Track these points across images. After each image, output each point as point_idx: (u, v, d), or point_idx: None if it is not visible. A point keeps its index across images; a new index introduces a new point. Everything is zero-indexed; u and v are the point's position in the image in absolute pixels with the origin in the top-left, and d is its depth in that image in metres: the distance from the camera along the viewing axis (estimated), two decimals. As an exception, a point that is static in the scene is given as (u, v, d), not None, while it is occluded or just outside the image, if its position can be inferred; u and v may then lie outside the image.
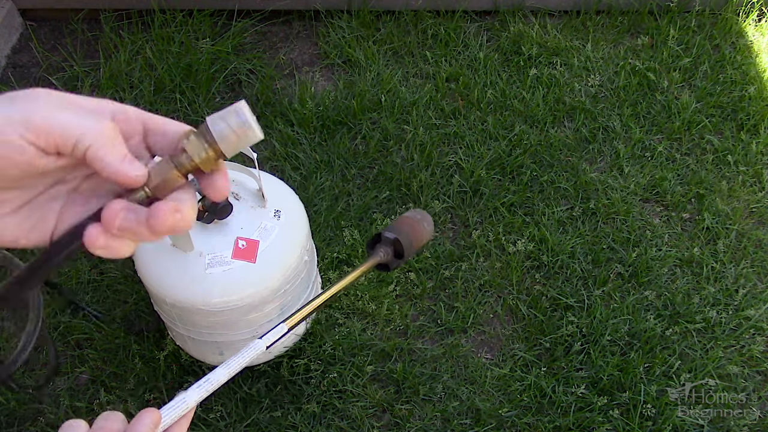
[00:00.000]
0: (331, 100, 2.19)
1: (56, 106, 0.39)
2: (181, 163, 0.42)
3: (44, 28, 2.47)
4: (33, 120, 0.37)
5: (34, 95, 0.39)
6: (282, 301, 1.45)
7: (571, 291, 1.83)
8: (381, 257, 0.63)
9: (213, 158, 0.41)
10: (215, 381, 0.48)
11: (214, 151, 0.41)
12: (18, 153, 0.38)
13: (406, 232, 0.65)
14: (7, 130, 0.37)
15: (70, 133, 0.38)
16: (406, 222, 0.67)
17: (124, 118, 0.42)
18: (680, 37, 2.37)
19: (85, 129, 0.39)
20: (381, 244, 0.64)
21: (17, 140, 0.37)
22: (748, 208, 2.01)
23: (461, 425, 1.64)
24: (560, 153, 2.10)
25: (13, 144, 0.37)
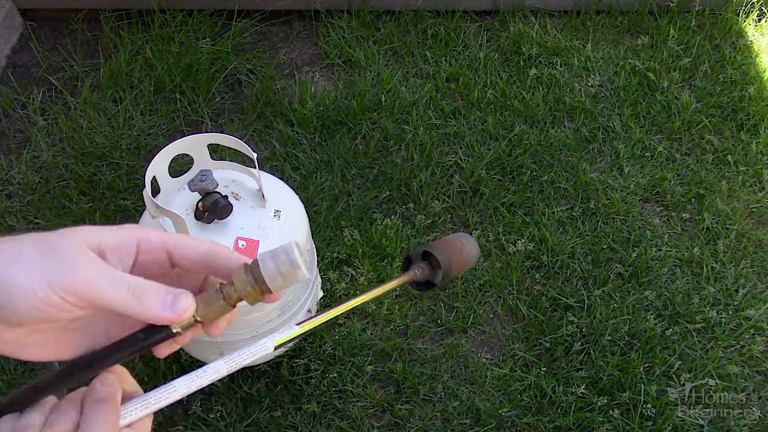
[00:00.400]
0: (331, 100, 2.19)
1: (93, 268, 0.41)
2: (229, 295, 0.44)
3: (44, 28, 2.47)
4: (74, 286, 0.40)
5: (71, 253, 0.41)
6: (282, 301, 1.45)
7: (571, 291, 1.83)
8: (416, 275, 0.59)
9: (258, 294, 0.44)
10: (212, 373, 0.46)
11: (261, 289, 0.44)
12: (59, 311, 0.40)
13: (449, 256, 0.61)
14: (51, 295, 0.39)
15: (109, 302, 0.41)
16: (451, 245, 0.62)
17: (147, 247, 0.45)
18: (680, 37, 2.37)
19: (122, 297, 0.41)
20: (419, 262, 0.60)
21: (59, 302, 0.40)
22: (748, 208, 2.01)
23: (461, 425, 1.64)
24: (560, 153, 2.10)
25: (55, 305, 0.40)
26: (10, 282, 0.39)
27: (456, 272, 0.62)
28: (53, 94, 2.25)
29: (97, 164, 2.06)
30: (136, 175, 2.03)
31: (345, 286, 1.80)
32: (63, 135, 2.13)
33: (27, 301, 0.39)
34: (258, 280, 0.43)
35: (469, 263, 0.64)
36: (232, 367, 0.46)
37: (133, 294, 0.41)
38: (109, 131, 2.12)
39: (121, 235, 0.44)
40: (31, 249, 0.40)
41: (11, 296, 0.39)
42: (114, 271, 0.42)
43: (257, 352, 0.47)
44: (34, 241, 0.41)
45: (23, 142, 2.15)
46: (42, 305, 0.40)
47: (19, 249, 0.40)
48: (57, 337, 0.45)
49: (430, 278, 0.60)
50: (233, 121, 2.18)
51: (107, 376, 0.43)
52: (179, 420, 1.62)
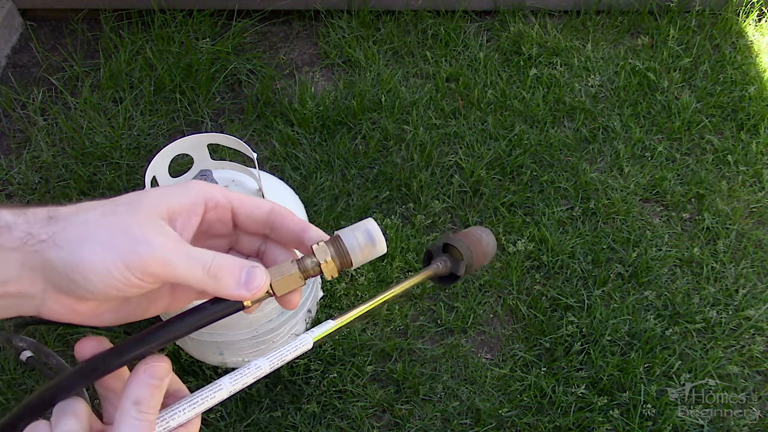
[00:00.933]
0: (331, 100, 2.19)
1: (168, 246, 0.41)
2: (305, 268, 0.45)
3: (44, 28, 2.47)
4: (150, 268, 0.40)
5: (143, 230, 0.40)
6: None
7: (571, 291, 1.83)
8: (439, 268, 0.58)
9: (337, 267, 0.45)
10: (255, 369, 0.45)
11: (341, 261, 0.45)
12: (135, 289, 0.41)
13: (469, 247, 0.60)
14: (129, 276, 0.40)
15: (185, 281, 0.42)
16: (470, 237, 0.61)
17: (214, 206, 0.45)
18: (680, 37, 2.37)
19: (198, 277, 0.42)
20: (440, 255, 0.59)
21: (136, 282, 0.40)
22: (748, 208, 2.01)
23: (461, 425, 1.64)
24: (560, 153, 2.10)
25: (132, 284, 0.40)
26: (85, 263, 0.39)
27: (477, 264, 0.61)
28: (53, 94, 2.25)
29: (97, 164, 2.06)
30: (136, 175, 2.03)
31: (345, 286, 1.80)
32: (63, 135, 2.13)
33: (103, 281, 0.39)
34: (339, 252, 0.44)
35: (488, 255, 0.63)
36: (274, 364, 0.46)
37: (209, 273, 0.42)
38: (109, 131, 2.12)
39: (189, 196, 0.44)
40: (102, 226, 0.40)
41: (87, 277, 0.39)
42: (188, 249, 0.42)
43: (298, 348, 0.47)
44: (102, 215, 0.41)
45: (23, 142, 2.15)
46: (119, 285, 0.40)
47: (90, 226, 0.40)
48: (129, 303, 0.45)
49: (454, 270, 0.59)
50: (233, 121, 2.18)
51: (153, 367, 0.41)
52: (179, 420, 1.62)
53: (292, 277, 0.45)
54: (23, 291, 0.40)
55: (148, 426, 0.40)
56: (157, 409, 0.41)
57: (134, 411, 0.39)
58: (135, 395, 0.40)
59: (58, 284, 0.40)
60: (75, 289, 0.40)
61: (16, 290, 0.40)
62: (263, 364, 0.45)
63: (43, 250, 0.39)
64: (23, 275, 0.40)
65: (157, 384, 0.41)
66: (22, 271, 0.39)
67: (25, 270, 0.39)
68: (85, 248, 0.39)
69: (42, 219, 0.40)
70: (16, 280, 0.40)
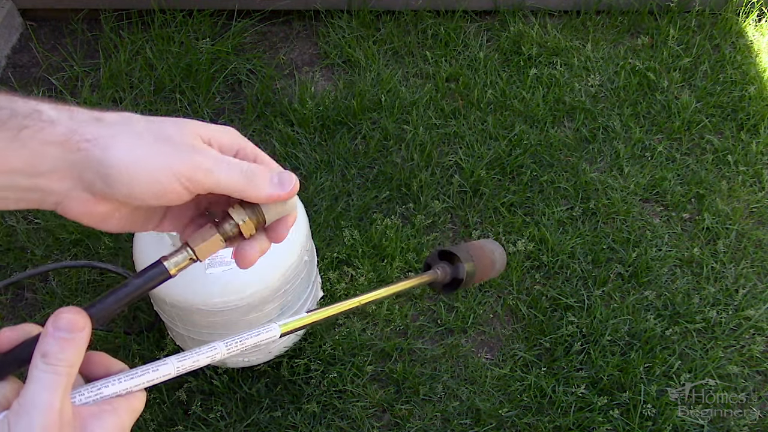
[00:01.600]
0: (331, 100, 2.19)
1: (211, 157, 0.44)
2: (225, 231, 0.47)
3: (44, 28, 2.47)
4: (197, 175, 0.43)
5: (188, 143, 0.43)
6: (282, 301, 1.45)
7: (571, 291, 1.83)
8: (437, 275, 0.58)
9: (254, 226, 0.48)
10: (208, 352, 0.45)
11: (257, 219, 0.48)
12: (175, 196, 0.43)
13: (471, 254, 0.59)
14: (174, 183, 0.42)
15: (227, 187, 0.44)
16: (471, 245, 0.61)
17: (243, 155, 0.48)
18: (680, 37, 2.37)
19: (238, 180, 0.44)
20: (441, 262, 0.58)
21: (179, 189, 0.43)
22: (748, 208, 2.01)
23: (461, 425, 1.64)
24: (560, 153, 2.10)
25: (175, 191, 0.43)
26: (135, 166, 0.41)
27: (484, 271, 0.60)
28: (53, 94, 2.25)
29: (97, 164, 2.06)
30: (136, 175, 2.03)
31: (345, 286, 1.79)
32: (63, 135, 2.13)
33: (148, 186, 0.41)
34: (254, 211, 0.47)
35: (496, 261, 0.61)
36: (232, 347, 0.46)
37: (247, 177, 0.44)
38: (109, 131, 2.12)
39: (228, 136, 0.47)
40: (151, 136, 0.42)
41: (132, 179, 0.41)
42: (228, 158, 0.45)
43: (261, 333, 0.47)
44: (148, 127, 0.43)
45: (23, 142, 2.15)
46: (162, 191, 0.42)
47: (139, 134, 0.42)
48: (140, 212, 0.47)
49: (454, 274, 0.58)
50: (233, 121, 2.18)
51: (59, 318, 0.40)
52: (179, 420, 1.62)
53: (213, 241, 0.47)
54: (51, 186, 0.41)
55: (55, 378, 0.38)
56: (70, 362, 0.39)
57: (41, 363, 0.38)
58: (42, 348, 0.39)
59: (91, 183, 0.41)
60: (107, 190, 0.41)
61: (45, 184, 0.41)
62: (219, 347, 0.46)
63: (87, 149, 0.41)
64: (57, 169, 0.41)
65: (66, 337, 0.39)
66: (57, 165, 0.41)
67: (60, 165, 0.41)
68: (136, 152, 0.41)
69: (87, 119, 0.42)
70: (49, 174, 0.41)
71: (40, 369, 0.38)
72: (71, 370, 0.39)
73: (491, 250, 0.62)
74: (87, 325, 0.40)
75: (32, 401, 0.37)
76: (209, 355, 0.45)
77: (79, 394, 0.41)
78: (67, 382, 0.39)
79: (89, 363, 0.43)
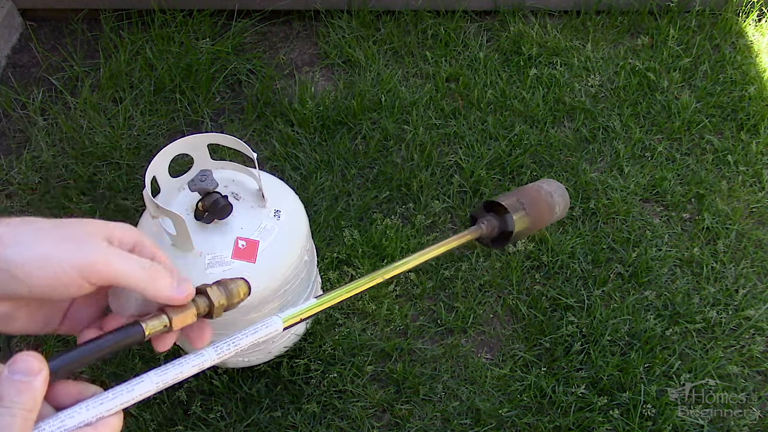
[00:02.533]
0: (331, 100, 2.19)
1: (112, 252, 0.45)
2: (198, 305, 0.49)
3: (44, 28, 2.47)
4: (97, 267, 0.43)
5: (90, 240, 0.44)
6: (282, 301, 1.45)
7: (571, 291, 1.83)
8: (482, 230, 0.52)
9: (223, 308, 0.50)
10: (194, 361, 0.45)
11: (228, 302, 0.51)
12: (75, 289, 0.44)
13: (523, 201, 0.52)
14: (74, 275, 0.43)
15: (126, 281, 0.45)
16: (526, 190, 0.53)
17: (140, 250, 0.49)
18: (680, 37, 2.37)
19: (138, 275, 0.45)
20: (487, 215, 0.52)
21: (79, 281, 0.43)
22: (748, 208, 2.01)
23: (461, 425, 1.64)
24: (560, 153, 2.10)
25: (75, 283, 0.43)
26: (35, 261, 0.42)
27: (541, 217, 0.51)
28: (53, 94, 2.25)
29: (97, 164, 2.06)
30: (136, 175, 2.03)
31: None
32: (63, 135, 2.13)
33: (47, 277, 0.42)
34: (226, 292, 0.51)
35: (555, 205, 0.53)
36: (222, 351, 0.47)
37: (147, 273, 0.45)
38: (109, 131, 2.12)
39: (126, 232, 0.48)
40: (54, 232, 0.43)
41: (32, 272, 0.41)
42: (129, 254, 0.46)
43: (258, 330, 0.49)
44: (53, 225, 0.44)
45: (23, 142, 2.15)
46: (63, 284, 0.42)
47: (41, 233, 0.43)
48: (45, 310, 0.48)
49: (502, 227, 0.52)
50: (233, 121, 2.18)
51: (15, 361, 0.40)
52: (179, 420, 1.62)
53: (189, 312, 0.48)
54: None
55: (11, 420, 0.38)
56: (26, 406, 0.38)
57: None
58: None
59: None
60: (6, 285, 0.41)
61: None
62: (208, 353, 0.47)
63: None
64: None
65: (20, 379, 0.39)
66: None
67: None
68: (37, 247, 0.42)
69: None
70: None
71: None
72: (28, 414, 0.39)
73: (548, 192, 0.54)
74: (43, 369, 0.40)
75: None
76: (195, 363, 0.44)
77: (39, 430, 0.38)
78: (22, 424, 0.38)
79: (56, 395, 0.43)
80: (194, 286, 0.49)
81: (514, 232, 0.51)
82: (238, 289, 0.51)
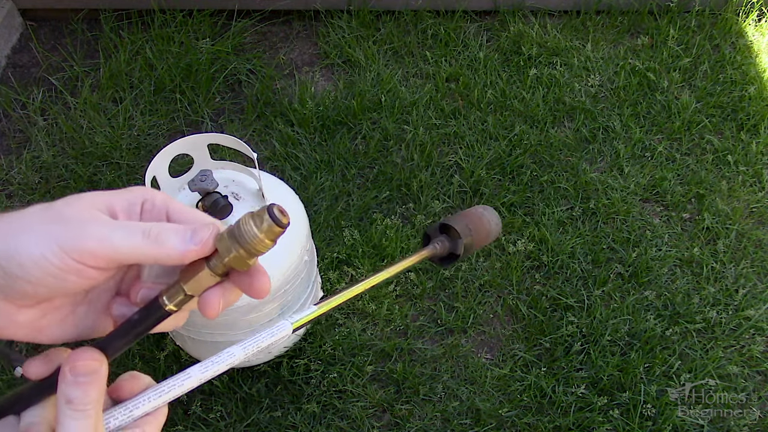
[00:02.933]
0: (331, 100, 2.19)
1: (104, 225, 0.40)
2: (214, 264, 0.42)
3: (44, 28, 2.47)
4: (87, 246, 0.38)
5: (79, 216, 0.40)
6: (282, 301, 1.45)
7: (571, 291, 1.83)
8: (436, 249, 0.57)
9: (245, 258, 0.41)
10: (227, 357, 0.43)
11: (245, 250, 0.41)
12: (77, 276, 0.39)
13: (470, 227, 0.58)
14: (66, 260, 0.38)
15: (126, 253, 0.40)
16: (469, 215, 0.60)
17: (150, 208, 0.43)
18: (680, 37, 2.37)
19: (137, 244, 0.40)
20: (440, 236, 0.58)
21: (75, 266, 0.39)
22: (748, 208, 2.01)
23: (461, 425, 1.64)
24: (560, 153, 2.10)
25: (71, 269, 0.39)
26: (21, 252, 0.38)
27: (480, 242, 0.59)
28: (53, 94, 2.25)
29: (97, 164, 2.06)
30: (136, 175, 2.03)
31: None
32: (63, 135, 2.13)
33: (41, 268, 0.38)
34: (242, 242, 0.40)
35: (492, 233, 0.61)
36: (249, 350, 0.44)
37: (149, 237, 0.40)
38: (109, 131, 2.12)
39: (128, 195, 0.43)
40: (38, 218, 0.39)
41: (24, 266, 0.38)
42: (126, 223, 0.41)
43: (275, 333, 0.45)
44: (40, 210, 0.40)
45: (23, 142, 2.15)
46: (57, 271, 0.38)
47: (26, 219, 0.39)
48: (73, 314, 0.44)
49: (453, 249, 0.58)
50: (233, 121, 2.18)
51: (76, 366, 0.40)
52: (179, 420, 1.62)
53: (203, 274, 0.42)
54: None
55: (85, 422, 0.39)
56: (93, 402, 0.39)
57: (68, 410, 0.39)
58: (65, 395, 0.39)
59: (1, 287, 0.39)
60: (13, 285, 0.39)
61: None
62: (237, 352, 0.44)
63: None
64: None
65: (86, 380, 0.39)
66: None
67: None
68: (22, 237, 0.38)
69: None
70: None
71: (68, 416, 0.39)
72: (98, 407, 0.40)
73: (488, 220, 0.62)
74: (103, 363, 0.40)
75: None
76: (229, 362, 0.44)
77: (113, 418, 0.41)
78: (96, 419, 0.39)
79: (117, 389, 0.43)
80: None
81: (460, 255, 0.58)
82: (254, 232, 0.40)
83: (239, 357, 0.44)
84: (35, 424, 0.41)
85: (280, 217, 0.40)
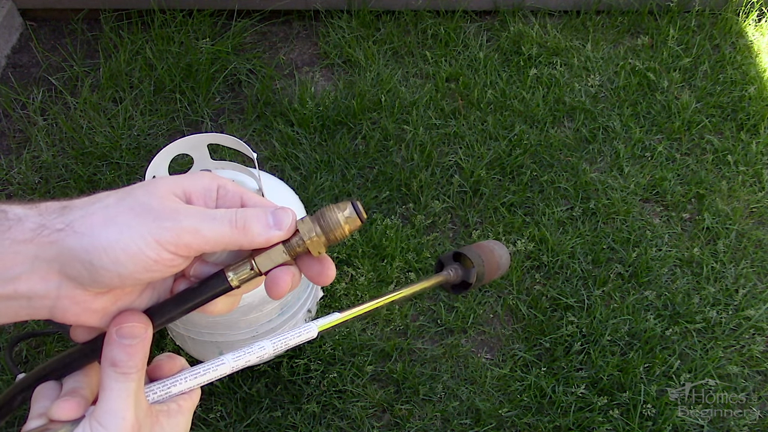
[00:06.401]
0: (331, 100, 2.19)
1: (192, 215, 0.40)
2: (292, 246, 0.44)
3: (44, 28, 2.47)
4: (184, 239, 0.39)
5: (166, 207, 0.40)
6: (282, 301, 1.45)
7: (571, 291, 1.83)
8: (450, 276, 0.59)
9: (322, 242, 0.44)
10: (258, 349, 0.45)
11: (327, 237, 0.44)
12: (168, 267, 0.40)
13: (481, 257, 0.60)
14: (162, 253, 0.39)
15: (218, 243, 0.41)
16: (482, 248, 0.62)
17: (224, 194, 0.45)
18: (680, 37, 2.37)
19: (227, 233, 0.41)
20: (454, 263, 0.60)
21: (169, 258, 0.40)
22: (748, 208, 2.01)
23: (461, 425, 1.64)
24: (560, 153, 2.10)
25: (165, 261, 0.40)
26: (115, 247, 0.38)
27: (490, 275, 0.61)
28: (53, 94, 2.25)
29: (97, 164, 2.06)
30: (136, 175, 2.03)
31: (345, 286, 1.79)
32: (63, 135, 2.13)
33: (136, 262, 0.38)
34: (324, 228, 0.44)
35: (502, 267, 0.63)
36: (278, 347, 0.46)
37: (236, 225, 0.41)
38: (109, 131, 2.12)
39: (203, 182, 0.44)
40: (123, 209, 0.39)
41: (117, 259, 0.38)
42: (211, 212, 0.41)
43: (302, 334, 0.47)
44: (117, 199, 0.40)
45: (23, 142, 2.15)
46: (152, 264, 0.39)
47: (109, 211, 0.39)
48: (139, 298, 0.44)
49: (465, 278, 0.60)
50: (233, 121, 2.18)
51: (122, 328, 0.41)
52: (179, 420, 1.62)
53: (275, 251, 0.44)
54: (35, 289, 0.39)
55: (128, 385, 0.40)
56: (138, 367, 0.40)
57: (113, 372, 0.40)
58: (110, 357, 0.40)
59: (77, 275, 0.39)
60: (97, 277, 0.39)
61: (27, 288, 0.39)
62: (267, 345, 0.46)
63: (60, 240, 0.38)
64: (36, 269, 0.38)
65: (131, 344, 0.40)
66: (34, 265, 0.38)
67: (38, 264, 0.38)
68: (111, 230, 0.38)
69: (55, 210, 0.40)
70: (27, 276, 0.38)
71: (112, 378, 0.40)
72: (141, 373, 0.41)
73: (499, 254, 0.64)
74: (148, 327, 0.42)
75: (110, 409, 0.39)
76: (259, 354, 0.46)
77: (152, 392, 0.43)
78: (138, 384, 0.40)
79: (156, 368, 0.45)
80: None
81: (473, 283, 0.60)
82: (337, 219, 0.44)
83: (269, 351, 0.46)
84: (78, 389, 0.42)
85: (362, 211, 0.44)
